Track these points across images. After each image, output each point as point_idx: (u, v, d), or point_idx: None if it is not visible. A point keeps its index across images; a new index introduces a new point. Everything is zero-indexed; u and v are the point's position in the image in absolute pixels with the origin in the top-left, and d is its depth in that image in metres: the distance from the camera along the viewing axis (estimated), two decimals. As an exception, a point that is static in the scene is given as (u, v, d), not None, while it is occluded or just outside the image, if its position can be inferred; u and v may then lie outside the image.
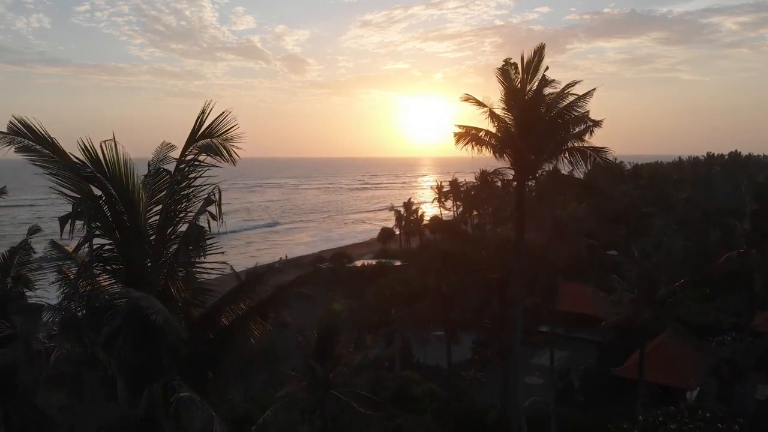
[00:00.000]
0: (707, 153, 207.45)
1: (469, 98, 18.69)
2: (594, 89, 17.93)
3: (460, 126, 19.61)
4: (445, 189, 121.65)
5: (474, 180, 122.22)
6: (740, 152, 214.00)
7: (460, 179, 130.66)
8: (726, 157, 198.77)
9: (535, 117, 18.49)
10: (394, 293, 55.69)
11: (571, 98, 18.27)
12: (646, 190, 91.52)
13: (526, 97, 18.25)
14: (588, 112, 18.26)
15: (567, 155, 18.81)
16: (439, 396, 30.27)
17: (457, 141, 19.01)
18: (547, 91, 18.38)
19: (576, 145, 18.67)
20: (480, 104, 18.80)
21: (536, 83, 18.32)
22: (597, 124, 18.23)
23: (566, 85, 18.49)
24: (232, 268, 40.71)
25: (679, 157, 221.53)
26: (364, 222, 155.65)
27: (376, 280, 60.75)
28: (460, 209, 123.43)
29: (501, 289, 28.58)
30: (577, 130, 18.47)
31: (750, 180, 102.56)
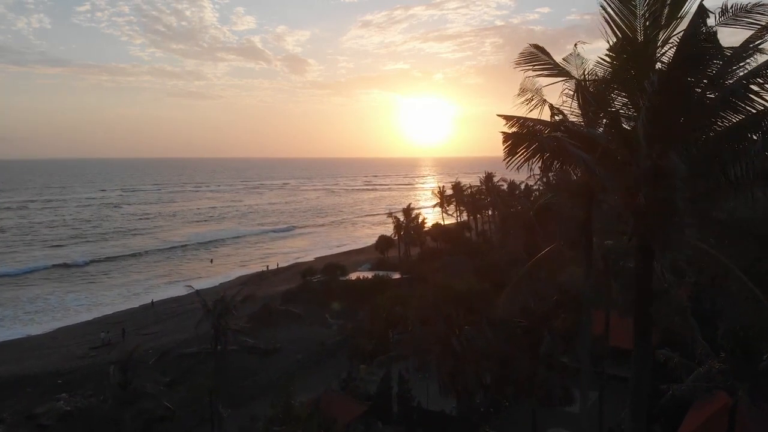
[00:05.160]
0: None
1: (535, 58, 9.33)
2: None
3: (510, 119, 9.46)
4: (447, 193, 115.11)
5: (479, 183, 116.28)
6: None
7: (463, 181, 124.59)
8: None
9: (687, 101, 8.31)
10: (392, 314, 49.73)
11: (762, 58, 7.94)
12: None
13: (662, 60, 8.36)
14: None
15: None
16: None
17: (510, 150, 9.04)
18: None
19: None
20: (556, 70, 9.37)
21: (683, 26, 8.20)
22: None
23: (759, 31, 7.94)
24: (197, 293, 33.61)
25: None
26: (373, 226, 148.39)
27: (372, 297, 54.75)
28: (463, 213, 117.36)
29: (532, 343, 22.27)
30: None
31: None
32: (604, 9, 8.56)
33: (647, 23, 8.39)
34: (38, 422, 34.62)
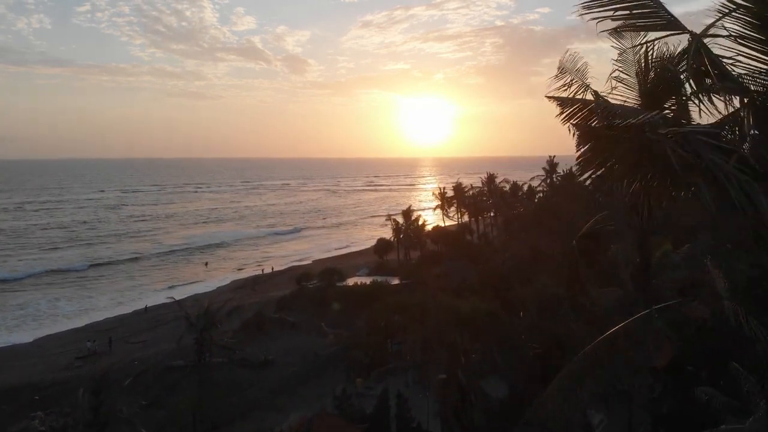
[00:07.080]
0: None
1: None
2: None
3: (568, 104, 5.34)
4: (448, 194, 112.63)
5: (480, 184, 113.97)
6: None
7: (464, 182, 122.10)
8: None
9: None
10: (391, 323, 47.52)
11: None
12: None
13: None
14: None
15: None
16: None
17: (595, 154, 5.04)
18: None
19: None
20: (658, 17, 4.87)
21: None
22: None
23: None
24: (178, 304, 31.39)
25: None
26: (375, 227, 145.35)
27: (370, 304, 52.51)
28: (464, 215, 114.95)
29: (544, 371, 19.68)
30: None
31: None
32: None
33: None
34: (11, 443, 32.46)
